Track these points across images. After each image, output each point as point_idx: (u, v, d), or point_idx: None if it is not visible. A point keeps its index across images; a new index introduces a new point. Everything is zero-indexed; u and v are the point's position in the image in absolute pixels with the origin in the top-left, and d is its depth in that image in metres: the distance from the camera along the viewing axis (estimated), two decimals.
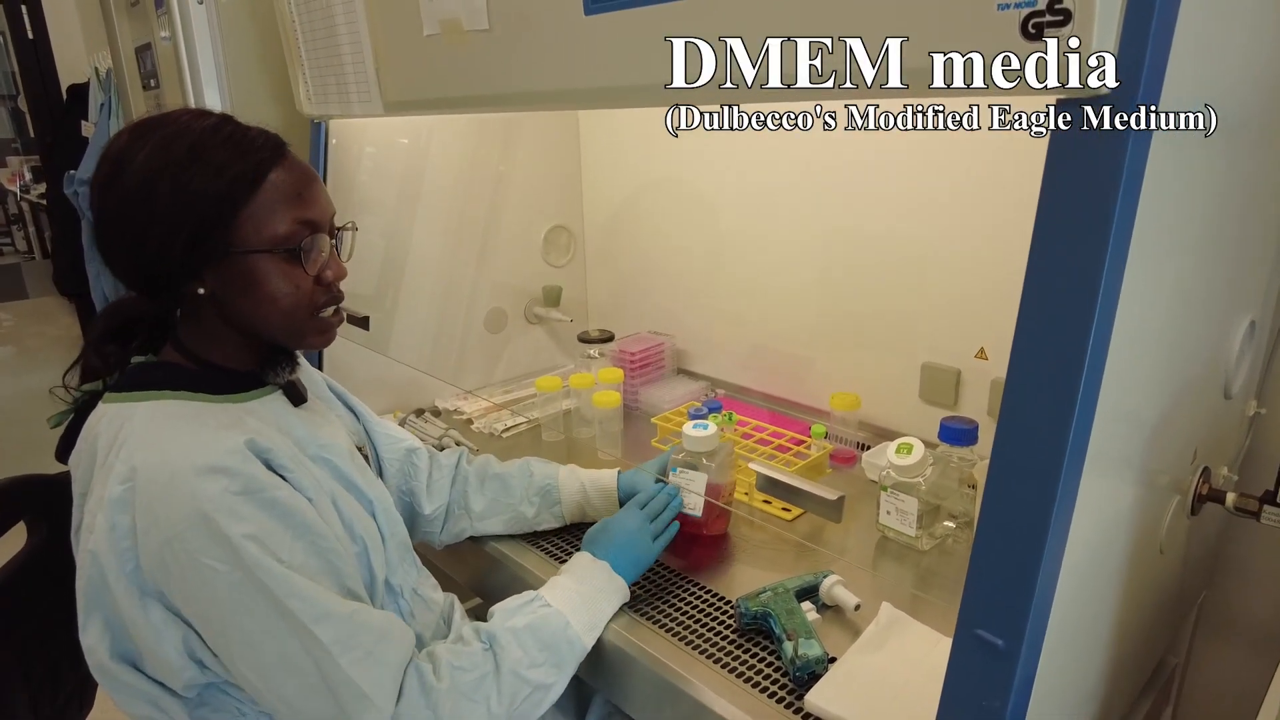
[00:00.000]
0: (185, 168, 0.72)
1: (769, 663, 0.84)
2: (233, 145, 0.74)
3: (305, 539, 0.71)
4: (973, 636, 0.57)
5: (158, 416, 0.72)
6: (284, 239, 0.75)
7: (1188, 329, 0.73)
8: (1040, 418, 0.53)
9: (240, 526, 0.67)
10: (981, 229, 1.16)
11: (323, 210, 0.80)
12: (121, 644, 0.72)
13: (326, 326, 0.83)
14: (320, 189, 0.80)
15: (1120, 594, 0.73)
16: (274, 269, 0.76)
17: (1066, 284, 0.52)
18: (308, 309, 0.79)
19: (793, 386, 1.48)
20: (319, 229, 0.78)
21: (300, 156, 0.80)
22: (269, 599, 0.67)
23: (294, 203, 0.76)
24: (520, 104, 0.91)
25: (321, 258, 0.79)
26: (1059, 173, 0.51)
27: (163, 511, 0.66)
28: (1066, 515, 0.55)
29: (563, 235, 1.74)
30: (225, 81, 1.49)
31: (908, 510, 1.01)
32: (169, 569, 0.67)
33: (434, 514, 1.06)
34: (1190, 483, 0.83)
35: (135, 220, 0.73)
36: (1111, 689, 0.81)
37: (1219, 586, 1.16)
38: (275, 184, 0.75)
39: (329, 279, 0.80)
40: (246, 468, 0.69)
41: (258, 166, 0.74)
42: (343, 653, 0.69)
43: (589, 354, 1.51)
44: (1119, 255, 0.51)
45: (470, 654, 0.78)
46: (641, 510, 0.98)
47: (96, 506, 0.69)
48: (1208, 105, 0.56)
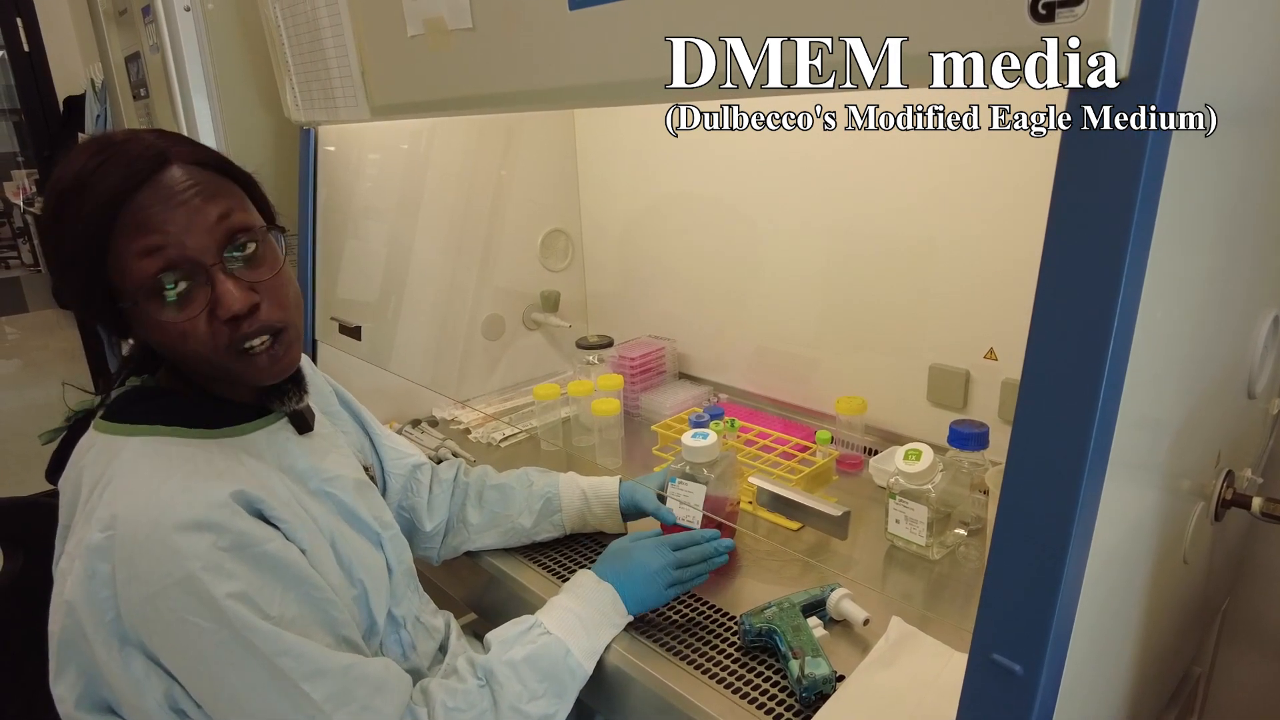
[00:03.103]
0: (58, 210, 0.66)
1: (774, 682, 0.81)
2: (98, 179, 0.64)
3: (298, 589, 0.68)
4: (988, 661, 0.53)
5: (145, 457, 0.68)
6: (143, 283, 0.65)
7: (1210, 327, 0.69)
8: (1058, 427, 0.50)
9: (226, 585, 0.63)
10: (987, 227, 1.12)
11: (192, 234, 0.65)
12: (95, 693, 0.69)
13: (255, 362, 0.70)
14: (191, 206, 0.66)
15: (1144, 609, 0.69)
16: (153, 316, 0.66)
17: (1084, 286, 0.48)
18: (215, 350, 0.68)
19: (797, 390, 1.44)
20: (184, 259, 0.65)
21: (284, 160, 0.75)
22: (257, 658, 0.64)
23: (148, 238, 0.64)
24: (507, 104, 0.88)
25: (201, 294, 0.67)
26: (1073, 170, 0.48)
27: (144, 565, 0.63)
28: (1088, 529, 0.51)
29: (560, 239, 1.71)
30: (214, 89, 1.47)
31: (917, 518, 0.97)
32: (151, 624, 0.64)
33: (434, 530, 1.03)
34: (1214, 487, 0.80)
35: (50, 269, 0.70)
36: (1136, 703, 0.78)
37: (1243, 593, 1.12)
38: (129, 223, 0.64)
39: (222, 316, 0.67)
40: (234, 522, 0.65)
41: (108, 206, 0.64)
42: (336, 709, 0.66)
43: (588, 360, 1.48)
44: (1140, 255, 0.47)
45: (466, 692, 0.75)
46: (672, 554, 0.91)
47: (75, 550, 0.66)
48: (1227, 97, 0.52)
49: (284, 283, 0.72)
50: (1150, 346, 0.52)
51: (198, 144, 0.71)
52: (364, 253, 1.48)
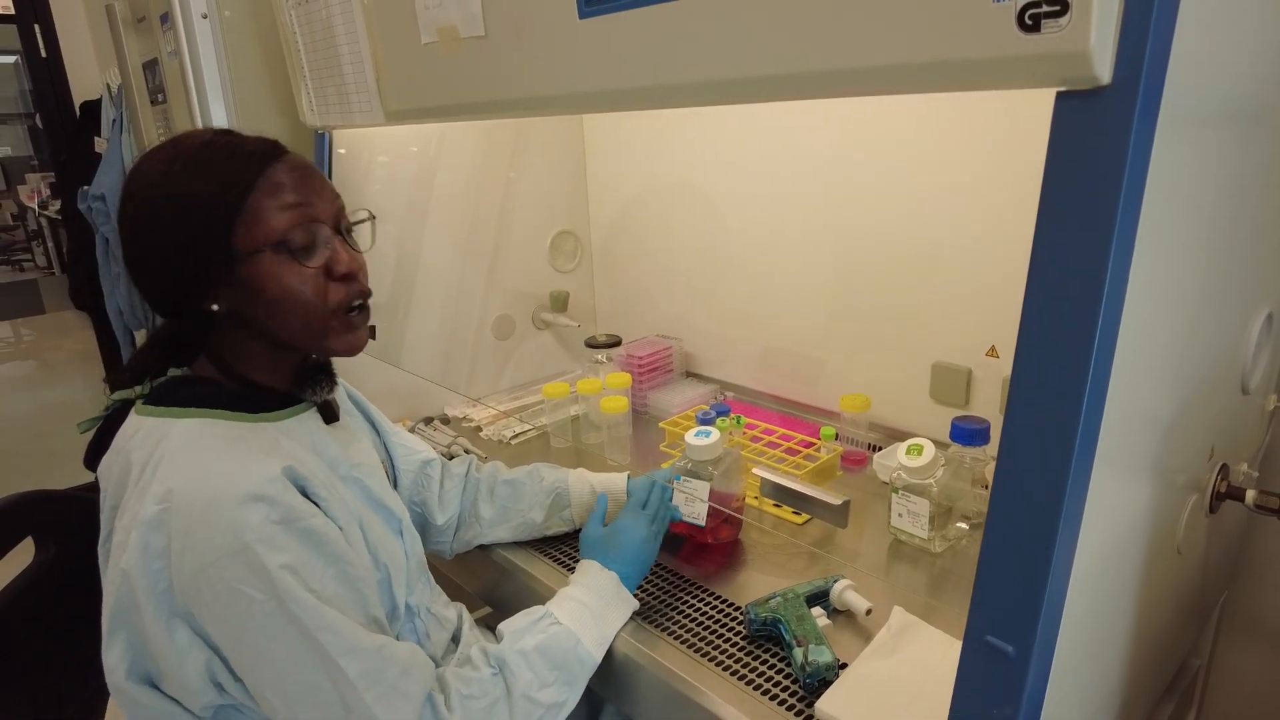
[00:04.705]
0: (180, 181, 0.72)
1: (779, 669, 0.83)
2: (226, 153, 0.74)
3: (336, 567, 0.71)
4: (982, 643, 0.56)
5: (196, 437, 0.72)
6: (279, 235, 0.73)
7: (1202, 323, 0.71)
8: (1046, 417, 0.52)
9: (278, 557, 0.66)
10: (990, 228, 1.14)
11: (321, 201, 0.77)
12: (141, 664, 0.71)
13: (350, 325, 0.80)
14: (319, 181, 0.78)
15: (1137, 596, 0.71)
16: (277, 268, 0.74)
17: (1069, 280, 0.50)
18: (324, 307, 0.77)
19: (802, 389, 1.47)
20: (316, 219, 0.76)
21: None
22: (300, 630, 0.67)
23: (286, 197, 0.74)
24: (519, 110, 0.90)
25: (325, 250, 0.76)
26: (1060, 166, 0.50)
27: (200, 537, 0.66)
28: (1076, 516, 0.53)
29: (569, 240, 1.74)
30: (230, 95, 1.49)
31: (919, 512, 0.99)
32: (202, 594, 0.66)
33: (446, 524, 1.06)
34: (1208, 480, 0.81)
35: (144, 241, 0.74)
36: (1130, 693, 0.79)
37: (1241, 586, 1.13)
38: (269, 184, 0.74)
39: (339, 272, 0.77)
40: (285, 496, 0.69)
41: (249, 169, 0.73)
42: (368, 687, 0.69)
43: (596, 359, 1.50)
44: (1124, 249, 0.50)
45: (479, 680, 0.77)
46: (644, 512, 0.98)
47: (130, 524, 0.69)
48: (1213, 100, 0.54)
49: (366, 264, 0.83)
50: (1138, 341, 0.54)
51: None
52: (375, 254, 1.51)
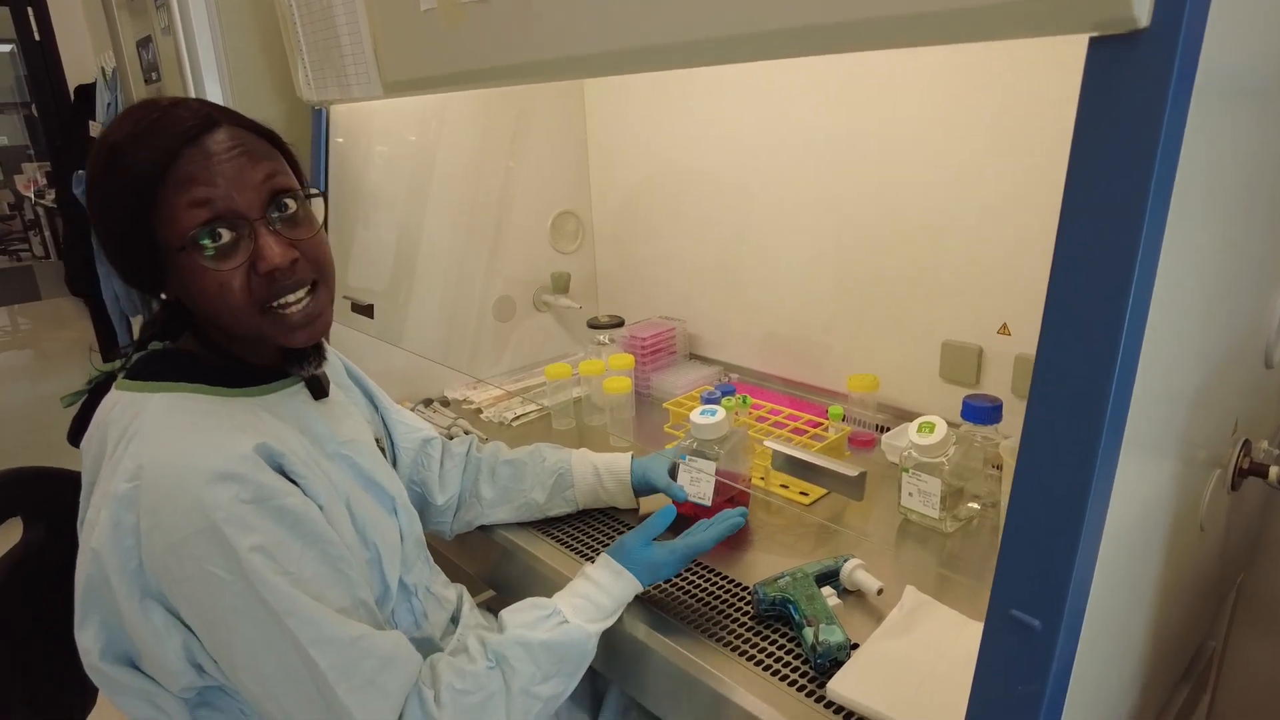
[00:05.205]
0: (111, 167, 0.68)
1: (789, 650, 0.81)
2: (149, 136, 0.67)
3: (316, 548, 0.69)
4: (1007, 618, 0.53)
5: (170, 411, 0.70)
6: (190, 233, 0.67)
7: (1227, 296, 0.69)
8: (1075, 390, 0.50)
9: (249, 538, 0.64)
10: (1000, 201, 1.12)
11: (241, 190, 0.68)
12: (118, 644, 0.70)
13: (285, 324, 0.72)
14: (241, 164, 0.68)
15: (1161, 572, 0.69)
16: (193, 268, 0.68)
17: (1101, 252, 0.48)
18: (250, 306, 0.70)
19: (809, 370, 1.44)
20: (233, 213, 0.68)
21: (297, 141, 0.76)
22: (270, 614, 0.65)
23: (197, 190, 0.67)
24: (521, 76, 0.87)
25: (245, 246, 0.69)
26: (1092, 122, 0.47)
27: (168, 515, 0.64)
28: (1105, 491, 0.51)
29: (570, 221, 1.71)
30: (225, 71, 1.47)
31: (930, 491, 0.97)
32: (171, 573, 0.65)
33: (446, 504, 1.03)
34: (1230, 456, 0.79)
35: (95, 224, 0.72)
36: (1151, 674, 0.78)
37: (1259, 568, 1.11)
38: (180, 175, 0.67)
39: (261, 269, 0.69)
40: (257, 475, 0.67)
41: (159, 158, 0.66)
42: (340, 680, 0.66)
43: (599, 340, 1.48)
44: (1158, 218, 0.47)
45: (475, 674, 0.73)
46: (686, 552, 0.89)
47: (101, 501, 0.67)
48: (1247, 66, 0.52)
49: (321, 244, 0.75)
50: (1168, 316, 0.52)
51: (240, 113, 0.74)
52: (375, 237, 1.49)
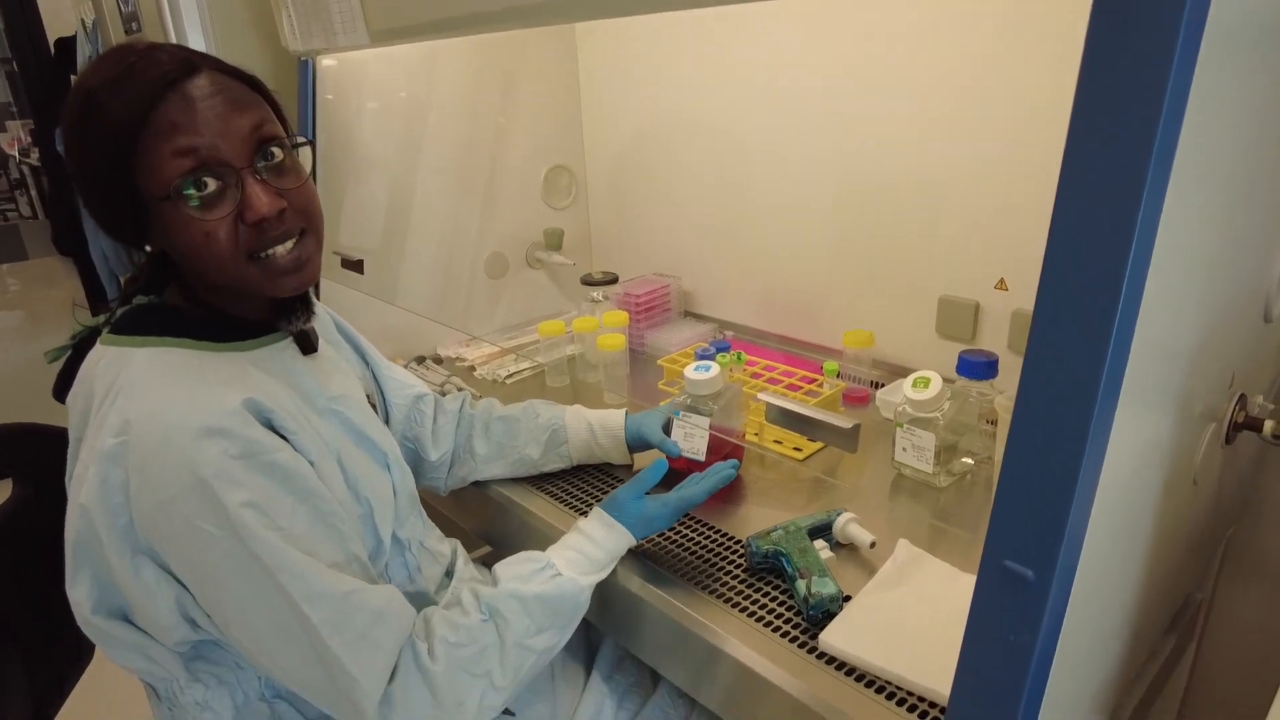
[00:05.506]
0: (84, 116, 0.65)
1: (782, 602, 0.81)
2: (127, 80, 0.64)
3: (307, 503, 0.68)
4: (1000, 568, 0.53)
5: (156, 366, 0.68)
6: (171, 186, 0.65)
7: (1230, 248, 0.67)
8: (1074, 347, 0.49)
9: (238, 494, 0.63)
10: (998, 154, 1.10)
11: (226, 138, 0.66)
12: (110, 599, 0.70)
13: (279, 269, 0.71)
14: (225, 111, 0.66)
15: (1153, 525, 0.69)
16: (178, 218, 0.66)
17: (1103, 205, 0.46)
18: (237, 257, 0.69)
19: (804, 326, 1.43)
20: (218, 163, 0.66)
21: (283, 92, 0.73)
22: (262, 569, 0.64)
23: (180, 138, 0.65)
24: (511, 20, 0.85)
25: (232, 195, 0.67)
26: (1097, 73, 0.46)
27: (156, 471, 0.63)
28: (1101, 444, 0.51)
29: (563, 176, 1.68)
30: (208, 22, 1.43)
31: (925, 446, 0.97)
32: (161, 530, 0.64)
33: (440, 460, 1.03)
34: (1226, 410, 0.79)
35: (73, 174, 0.69)
36: (1141, 624, 0.78)
37: (1248, 522, 1.12)
38: (162, 122, 0.64)
39: (249, 219, 0.67)
40: (246, 430, 0.65)
41: (140, 103, 0.64)
42: (333, 634, 0.66)
43: (592, 297, 1.46)
44: (1162, 170, 0.46)
45: (468, 627, 0.73)
46: (680, 505, 0.89)
47: (89, 457, 0.66)
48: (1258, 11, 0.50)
49: (309, 194, 0.73)
50: (1169, 269, 0.51)
51: (219, 58, 0.71)
52: (366, 194, 1.46)
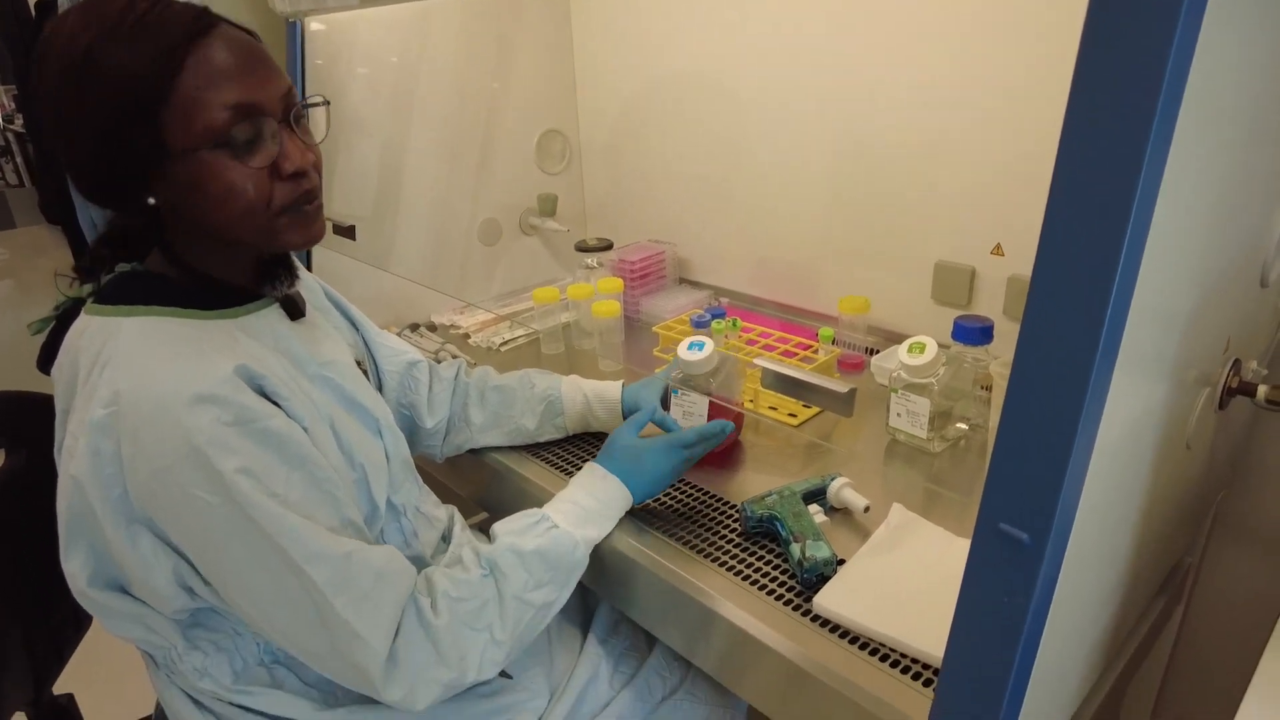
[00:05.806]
0: (99, 55, 0.62)
1: (776, 565, 0.82)
2: (153, 20, 0.63)
3: (302, 469, 0.68)
4: (996, 531, 0.53)
5: (144, 335, 0.67)
6: (217, 131, 0.64)
7: (1230, 212, 0.67)
8: (1071, 312, 0.48)
9: (232, 460, 0.63)
10: (994, 119, 1.09)
11: (264, 90, 0.67)
12: (106, 570, 0.69)
13: (304, 220, 0.72)
14: (262, 64, 0.68)
15: (1147, 489, 0.70)
16: (215, 167, 0.66)
17: (1104, 169, 0.45)
18: (268, 208, 0.69)
19: (800, 293, 1.43)
20: (259, 113, 0.67)
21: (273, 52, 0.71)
22: (261, 534, 0.64)
23: (224, 85, 0.64)
24: None
25: (270, 147, 0.68)
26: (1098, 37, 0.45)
27: (150, 441, 0.62)
28: (1097, 408, 0.51)
29: (557, 141, 1.66)
30: None
31: (919, 412, 0.97)
32: (158, 499, 0.64)
33: (435, 428, 1.03)
34: (1220, 375, 0.79)
35: (66, 124, 0.66)
36: (1131, 587, 0.79)
37: (1238, 488, 1.13)
38: (202, 65, 0.64)
39: (287, 170, 0.69)
40: (238, 397, 0.65)
41: (174, 46, 0.63)
42: (336, 594, 0.66)
43: (587, 264, 1.45)
44: (1164, 133, 0.45)
45: (469, 582, 0.74)
46: (683, 452, 0.91)
47: (78, 429, 0.65)
48: None
49: (319, 154, 0.74)
50: (1168, 233, 0.50)
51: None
52: (358, 160, 1.44)
